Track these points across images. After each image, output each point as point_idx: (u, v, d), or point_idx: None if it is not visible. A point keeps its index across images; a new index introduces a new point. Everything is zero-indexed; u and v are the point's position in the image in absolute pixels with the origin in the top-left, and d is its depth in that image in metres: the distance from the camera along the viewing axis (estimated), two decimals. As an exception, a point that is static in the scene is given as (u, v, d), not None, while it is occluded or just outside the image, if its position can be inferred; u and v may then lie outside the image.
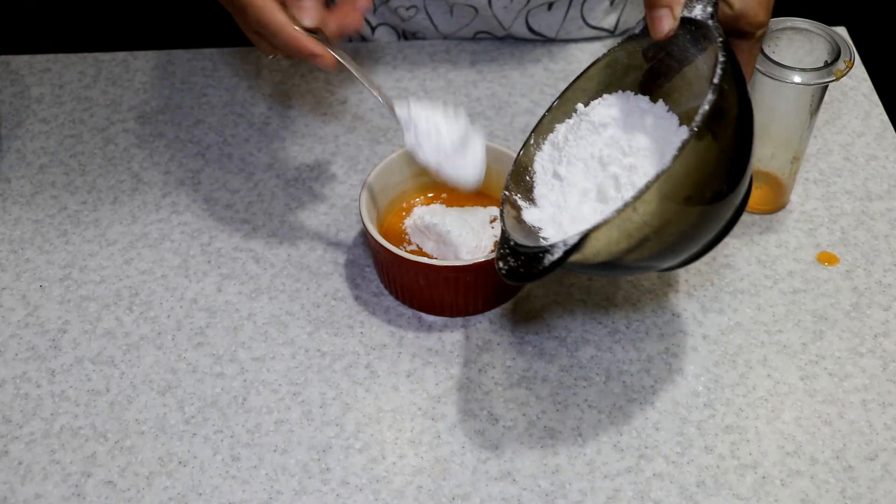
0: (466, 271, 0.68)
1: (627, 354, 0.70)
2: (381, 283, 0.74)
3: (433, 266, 0.68)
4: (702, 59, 0.61)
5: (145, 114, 0.88)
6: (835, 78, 0.68)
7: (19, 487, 0.63)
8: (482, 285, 0.70)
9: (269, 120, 0.87)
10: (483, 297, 0.71)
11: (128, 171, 0.83)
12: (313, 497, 0.62)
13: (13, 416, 0.67)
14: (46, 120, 0.88)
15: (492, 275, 0.69)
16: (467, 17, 0.92)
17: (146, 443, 0.65)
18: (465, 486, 0.63)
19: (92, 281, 0.75)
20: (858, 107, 0.88)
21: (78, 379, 0.69)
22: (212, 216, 0.79)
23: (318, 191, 0.81)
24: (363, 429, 0.66)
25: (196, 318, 0.72)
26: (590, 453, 0.64)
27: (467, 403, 0.67)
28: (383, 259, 0.71)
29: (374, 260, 0.74)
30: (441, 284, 0.69)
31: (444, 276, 0.69)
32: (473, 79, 0.90)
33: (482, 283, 0.70)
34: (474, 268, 0.68)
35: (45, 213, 0.80)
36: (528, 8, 0.90)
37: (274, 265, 0.76)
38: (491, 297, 0.72)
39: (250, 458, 0.64)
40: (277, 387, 0.68)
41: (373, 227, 0.70)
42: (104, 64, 0.93)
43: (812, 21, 0.71)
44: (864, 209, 0.79)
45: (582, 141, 0.63)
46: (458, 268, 0.68)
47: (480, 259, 0.68)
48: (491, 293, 0.71)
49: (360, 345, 0.70)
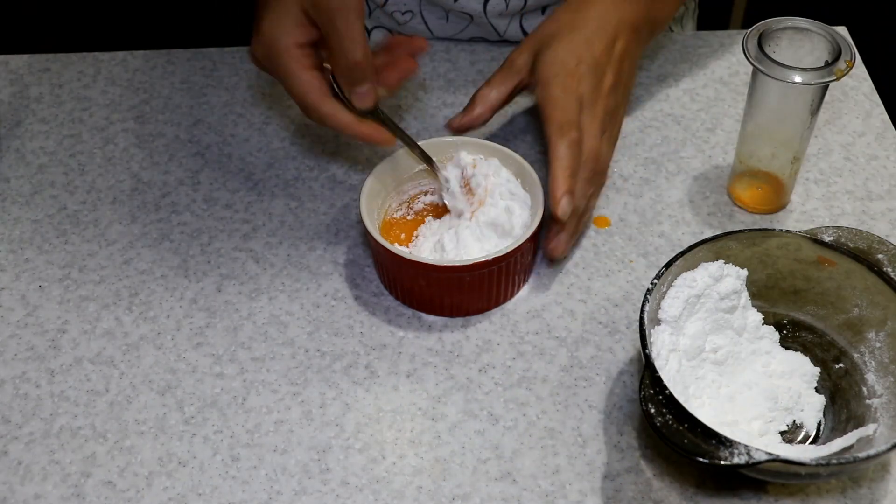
0: (466, 271, 0.68)
1: (627, 354, 0.69)
2: (381, 283, 0.74)
3: (433, 266, 0.68)
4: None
5: (145, 113, 0.88)
6: (835, 78, 0.68)
7: (19, 488, 0.63)
8: (480, 285, 0.70)
9: (269, 120, 0.87)
10: (484, 297, 0.71)
11: (127, 171, 0.83)
12: (313, 497, 0.62)
13: (13, 417, 0.67)
14: (46, 120, 0.88)
15: (494, 275, 0.69)
16: (462, 23, 0.92)
17: (146, 443, 0.65)
18: (465, 486, 0.63)
19: (91, 281, 0.75)
20: (859, 107, 0.88)
21: (77, 379, 0.69)
22: (211, 216, 0.79)
23: (318, 191, 0.81)
24: (363, 429, 0.66)
25: (196, 318, 0.72)
26: (590, 453, 0.64)
27: (467, 403, 0.67)
28: (383, 259, 0.71)
29: (374, 260, 0.74)
30: (441, 284, 0.69)
31: (445, 276, 0.69)
32: (473, 79, 0.90)
33: (480, 282, 0.70)
34: (475, 267, 0.68)
35: (44, 213, 0.80)
36: (522, 13, 0.90)
37: (274, 265, 0.76)
38: (492, 297, 0.72)
39: (250, 459, 0.64)
40: (277, 387, 0.68)
41: (373, 227, 0.70)
42: (103, 63, 0.93)
43: (812, 21, 0.71)
44: (864, 209, 0.79)
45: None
46: (459, 267, 0.68)
47: (480, 259, 0.68)
48: (492, 293, 0.71)
49: (360, 345, 0.70)
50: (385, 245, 0.68)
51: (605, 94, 0.72)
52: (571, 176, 0.68)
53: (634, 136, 0.85)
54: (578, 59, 0.71)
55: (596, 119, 0.70)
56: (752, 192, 0.78)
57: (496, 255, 0.67)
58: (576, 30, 0.72)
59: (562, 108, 0.69)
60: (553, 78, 0.70)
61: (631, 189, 0.81)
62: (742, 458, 0.54)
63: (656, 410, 0.56)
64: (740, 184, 0.79)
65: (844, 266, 0.64)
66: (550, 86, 0.70)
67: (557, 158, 0.68)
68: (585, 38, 0.72)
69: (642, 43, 0.77)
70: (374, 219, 0.72)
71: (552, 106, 0.69)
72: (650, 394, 0.57)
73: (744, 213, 0.79)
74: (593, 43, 0.72)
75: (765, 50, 0.70)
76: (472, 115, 0.75)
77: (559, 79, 0.70)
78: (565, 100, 0.69)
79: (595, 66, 0.71)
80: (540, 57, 0.72)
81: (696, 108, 0.87)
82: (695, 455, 0.55)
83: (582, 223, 0.73)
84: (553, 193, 0.67)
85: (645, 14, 0.76)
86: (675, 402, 0.56)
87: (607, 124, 0.72)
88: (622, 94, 0.74)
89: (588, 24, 0.73)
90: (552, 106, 0.69)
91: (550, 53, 0.72)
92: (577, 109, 0.69)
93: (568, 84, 0.70)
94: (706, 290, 0.64)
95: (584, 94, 0.70)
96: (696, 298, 0.63)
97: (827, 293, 0.66)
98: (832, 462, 0.54)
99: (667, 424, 0.56)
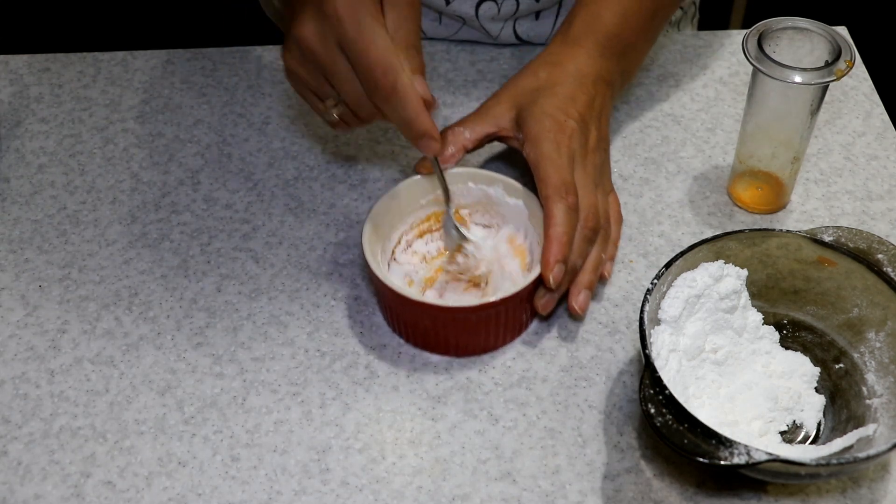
0: (474, 312, 0.66)
1: (627, 354, 0.69)
2: (383, 317, 0.72)
3: (440, 308, 0.67)
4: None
5: (145, 113, 0.88)
6: (835, 77, 0.68)
7: (18, 488, 0.63)
8: (489, 324, 0.68)
9: (269, 120, 0.87)
10: (494, 335, 0.69)
11: (127, 171, 0.83)
12: (313, 497, 0.62)
13: (12, 417, 0.67)
14: (45, 119, 0.88)
15: (494, 316, 0.67)
16: (455, 25, 0.92)
17: (145, 443, 0.65)
18: (465, 487, 0.63)
19: (91, 281, 0.75)
20: (859, 106, 0.88)
21: (77, 379, 0.69)
22: (211, 216, 0.79)
23: (318, 191, 0.81)
24: (363, 429, 0.66)
25: (195, 319, 0.72)
26: (590, 454, 0.64)
27: (467, 403, 0.67)
28: (388, 299, 0.69)
29: (378, 300, 0.72)
30: (450, 325, 0.67)
31: (453, 317, 0.67)
32: (473, 79, 0.90)
33: (487, 322, 0.68)
34: (491, 306, 0.66)
35: (44, 213, 0.80)
36: (515, 17, 0.90)
37: (274, 265, 0.76)
38: (502, 335, 0.70)
39: (250, 459, 0.64)
40: (277, 387, 0.68)
41: (375, 262, 0.67)
42: (103, 63, 0.93)
43: (813, 21, 0.71)
44: (864, 209, 0.79)
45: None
46: (466, 309, 0.66)
47: (488, 300, 0.66)
48: (502, 331, 0.69)
49: (360, 345, 0.70)
50: (391, 286, 0.66)
51: (592, 150, 0.71)
52: (567, 243, 0.66)
53: (634, 136, 0.85)
54: (566, 114, 0.70)
55: (588, 176, 0.70)
56: (752, 192, 0.78)
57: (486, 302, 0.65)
58: (557, 85, 0.72)
59: (556, 167, 0.68)
60: (544, 134, 0.69)
61: (631, 189, 0.81)
62: (742, 458, 0.54)
63: (656, 410, 0.56)
64: (740, 184, 0.79)
65: (844, 266, 0.64)
66: (542, 143, 0.69)
67: (554, 224, 0.66)
68: (568, 93, 0.71)
69: (616, 96, 0.78)
70: (377, 253, 0.69)
71: (546, 165, 0.68)
72: (650, 394, 0.57)
73: (744, 213, 0.79)
74: (577, 98, 0.71)
75: (765, 50, 0.70)
76: (444, 155, 0.72)
77: (550, 135, 0.69)
78: (559, 158, 0.68)
79: (581, 123, 0.70)
80: (525, 113, 0.71)
81: (696, 108, 0.87)
82: (695, 455, 0.55)
83: (580, 278, 0.70)
84: (546, 259, 0.65)
85: (617, 68, 0.76)
86: (675, 402, 0.56)
87: (598, 179, 0.71)
88: (604, 150, 0.74)
89: (567, 80, 0.72)
90: (546, 165, 0.68)
91: (537, 109, 0.70)
92: (571, 168, 0.69)
93: (560, 140, 0.69)
94: (706, 291, 0.64)
95: (576, 151, 0.69)
96: (696, 298, 0.63)
97: (827, 293, 0.66)
98: (832, 462, 0.55)
99: (667, 424, 0.56)
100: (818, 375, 0.66)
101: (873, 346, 0.64)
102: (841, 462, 0.55)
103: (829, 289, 0.66)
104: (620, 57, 0.76)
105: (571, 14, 0.77)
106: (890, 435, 0.58)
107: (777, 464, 0.54)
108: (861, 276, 0.64)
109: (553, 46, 0.76)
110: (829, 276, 0.65)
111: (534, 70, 0.74)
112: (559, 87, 0.72)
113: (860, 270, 0.64)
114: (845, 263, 0.64)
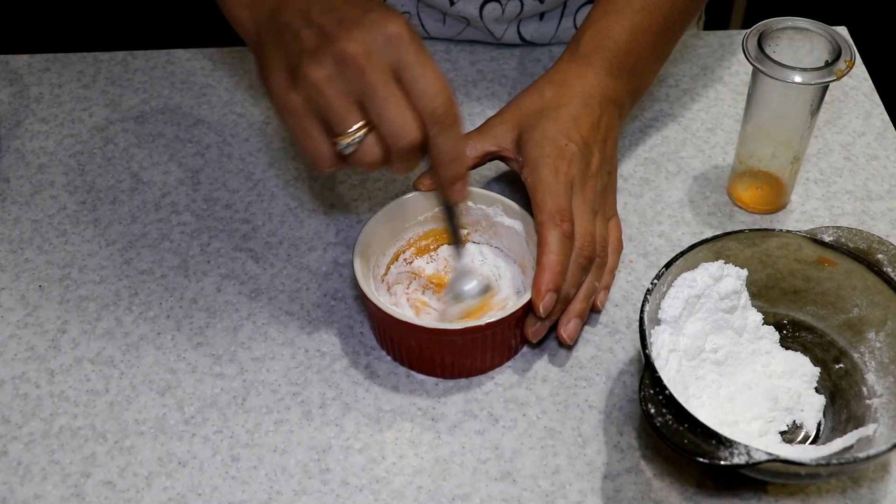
0: (466, 334, 0.65)
1: (627, 354, 0.69)
2: (375, 338, 0.71)
3: (426, 329, 0.65)
4: None
5: (144, 113, 0.88)
6: (835, 77, 0.68)
7: (18, 488, 0.63)
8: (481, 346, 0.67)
9: (269, 120, 0.87)
10: (483, 357, 0.68)
11: (127, 171, 0.83)
12: (313, 497, 0.62)
13: (12, 417, 0.67)
14: (45, 119, 0.88)
15: (489, 338, 0.67)
16: (459, 26, 0.92)
17: (145, 443, 0.65)
18: (465, 487, 0.63)
19: (91, 281, 0.75)
20: (859, 106, 0.88)
21: (77, 379, 0.69)
22: (211, 216, 0.79)
23: (318, 191, 0.81)
24: (363, 429, 0.66)
25: (195, 318, 0.72)
26: (590, 453, 0.64)
27: (467, 403, 0.67)
28: (379, 320, 0.68)
29: (369, 322, 0.71)
30: (435, 346, 0.66)
31: (439, 339, 0.66)
32: (473, 79, 0.90)
33: (479, 344, 0.67)
34: (483, 328, 0.65)
35: (44, 213, 0.80)
36: (519, 18, 0.90)
37: (274, 265, 0.76)
38: (493, 358, 0.69)
39: (250, 459, 0.64)
40: (277, 387, 0.68)
41: (366, 285, 0.66)
42: (103, 63, 0.93)
43: (812, 21, 0.71)
44: (864, 209, 0.79)
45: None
46: (458, 331, 0.65)
47: (474, 323, 0.65)
48: (493, 353, 0.69)
49: (360, 345, 0.70)
50: (381, 306, 0.65)
51: (594, 174, 0.70)
52: (561, 272, 0.65)
53: (634, 136, 0.85)
54: (567, 138, 0.69)
55: (587, 203, 0.69)
56: (752, 192, 0.78)
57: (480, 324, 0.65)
58: (562, 106, 0.70)
59: (552, 193, 0.66)
60: (543, 159, 0.68)
61: (631, 189, 0.81)
62: (742, 458, 0.54)
63: (656, 410, 0.56)
64: (740, 184, 0.79)
65: (844, 266, 0.64)
66: (540, 168, 0.67)
67: (548, 252, 0.65)
68: (572, 115, 0.70)
69: (625, 116, 0.77)
70: (368, 275, 0.68)
71: (543, 191, 0.67)
72: (650, 394, 0.57)
73: (744, 213, 0.79)
74: (580, 121, 0.70)
75: (765, 50, 0.70)
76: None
77: (549, 160, 0.68)
78: (556, 185, 0.67)
79: (584, 147, 0.69)
80: (526, 135, 0.70)
81: (696, 108, 0.87)
82: (695, 455, 0.55)
83: (572, 307, 0.68)
84: (537, 287, 0.64)
85: (627, 87, 0.75)
86: (675, 402, 0.56)
87: (598, 205, 0.70)
88: (608, 172, 0.72)
89: (573, 101, 0.71)
90: (543, 191, 0.67)
91: (538, 133, 0.69)
92: (569, 195, 0.67)
93: (559, 166, 0.67)
94: (706, 291, 0.64)
95: (575, 177, 0.68)
96: (696, 298, 0.63)
97: (827, 293, 0.66)
98: (832, 462, 0.55)
99: (667, 424, 0.56)
100: (818, 375, 0.66)
101: (873, 346, 0.64)
102: (841, 462, 0.55)
103: (829, 289, 0.66)
104: (630, 75, 0.75)
105: (581, 30, 0.75)
106: (890, 435, 0.58)
107: (777, 464, 0.54)
108: (861, 276, 0.64)
109: (561, 63, 0.74)
110: (829, 277, 0.65)
111: (540, 88, 0.73)
112: (563, 108, 0.70)
113: (860, 270, 0.64)
114: (845, 263, 0.64)
